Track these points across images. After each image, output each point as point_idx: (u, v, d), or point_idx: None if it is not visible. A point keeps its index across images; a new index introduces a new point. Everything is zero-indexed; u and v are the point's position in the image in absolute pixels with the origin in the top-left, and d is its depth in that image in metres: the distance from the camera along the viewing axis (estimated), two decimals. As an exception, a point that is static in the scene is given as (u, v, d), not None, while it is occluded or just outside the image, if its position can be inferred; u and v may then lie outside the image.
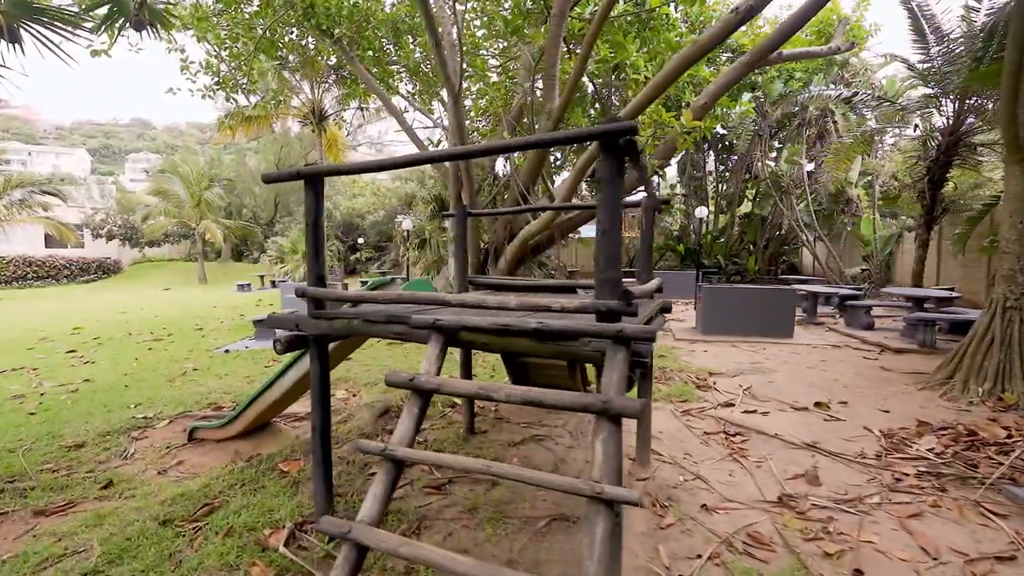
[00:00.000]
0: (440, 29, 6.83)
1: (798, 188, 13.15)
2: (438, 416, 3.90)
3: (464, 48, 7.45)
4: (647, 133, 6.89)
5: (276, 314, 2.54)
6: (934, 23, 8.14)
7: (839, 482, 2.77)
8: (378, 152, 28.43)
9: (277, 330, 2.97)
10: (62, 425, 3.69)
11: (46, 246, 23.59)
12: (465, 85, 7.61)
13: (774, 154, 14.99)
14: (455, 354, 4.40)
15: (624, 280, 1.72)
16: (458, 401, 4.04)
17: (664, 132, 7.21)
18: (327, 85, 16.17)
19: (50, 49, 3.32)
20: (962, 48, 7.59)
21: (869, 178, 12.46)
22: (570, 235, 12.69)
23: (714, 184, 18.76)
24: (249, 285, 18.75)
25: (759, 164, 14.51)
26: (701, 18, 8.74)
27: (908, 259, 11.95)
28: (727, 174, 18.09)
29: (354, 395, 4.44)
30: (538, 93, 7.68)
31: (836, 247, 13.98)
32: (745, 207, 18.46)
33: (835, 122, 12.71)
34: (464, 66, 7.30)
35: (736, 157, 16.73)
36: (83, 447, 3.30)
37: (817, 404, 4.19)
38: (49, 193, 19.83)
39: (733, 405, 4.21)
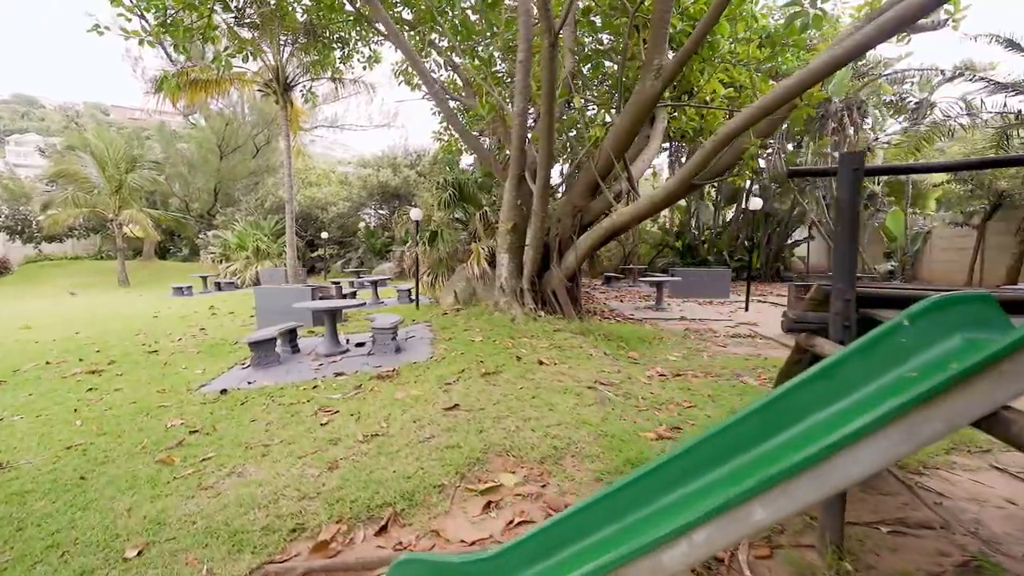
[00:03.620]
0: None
1: (821, 182, 12.61)
2: None
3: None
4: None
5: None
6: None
7: None
8: (335, 136, 25.37)
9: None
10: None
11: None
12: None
13: (791, 146, 14.49)
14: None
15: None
16: None
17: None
18: (292, 49, 13.51)
19: None
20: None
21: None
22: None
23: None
24: (189, 288, 15.49)
25: (775, 157, 13.92)
26: None
27: (938, 256, 11.76)
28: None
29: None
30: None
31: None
32: (754, 203, 18.07)
33: (861, 116, 12.27)
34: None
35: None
36: None
37: None
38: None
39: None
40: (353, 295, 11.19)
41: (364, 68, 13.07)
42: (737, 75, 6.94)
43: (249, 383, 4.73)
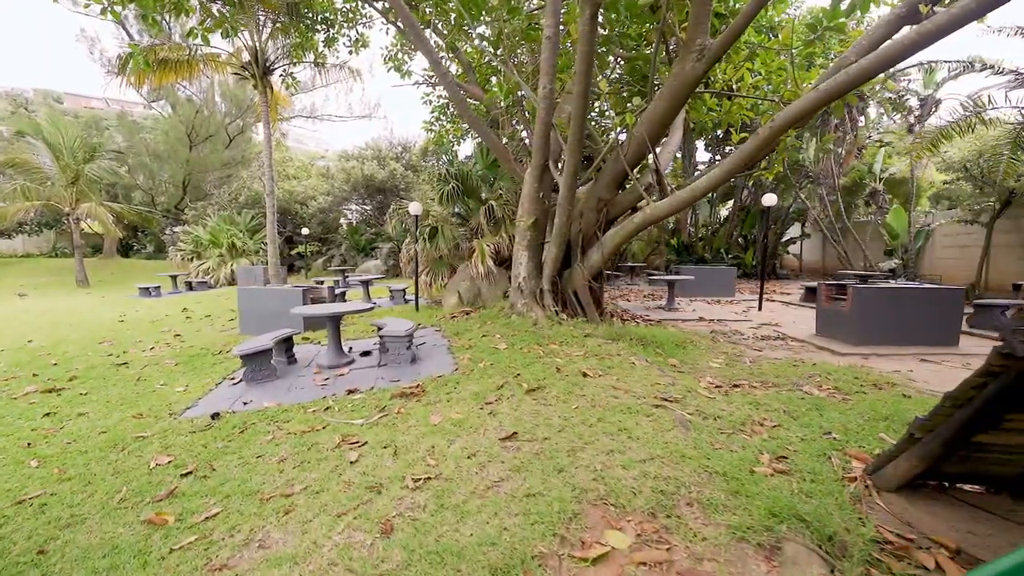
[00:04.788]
0: None
1: (827, 179, 12.47)
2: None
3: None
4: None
5: None
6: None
7: None
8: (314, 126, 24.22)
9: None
10: None
11: None
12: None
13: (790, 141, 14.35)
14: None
15: None
16: None
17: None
18: (272, 29, 12.52)
19: None
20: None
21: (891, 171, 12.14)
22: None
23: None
24: (157, 288, 14.28)
25: (774, 153, 13.73)
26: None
27: (941, 253, 11.77)
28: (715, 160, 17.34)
29: None
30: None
31: (847, 242, 13.68)
32: (767, 199, 18.11)
33: (859, 112, 12.17)
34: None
35: (733, 148, 16.04)
36: None
37: None
38: None
39: None
40: (342, 296, 10.39)
41: (350, 53, 12.21)
42: (768, 62, 6.53)
43: (245, 404, 4.01)
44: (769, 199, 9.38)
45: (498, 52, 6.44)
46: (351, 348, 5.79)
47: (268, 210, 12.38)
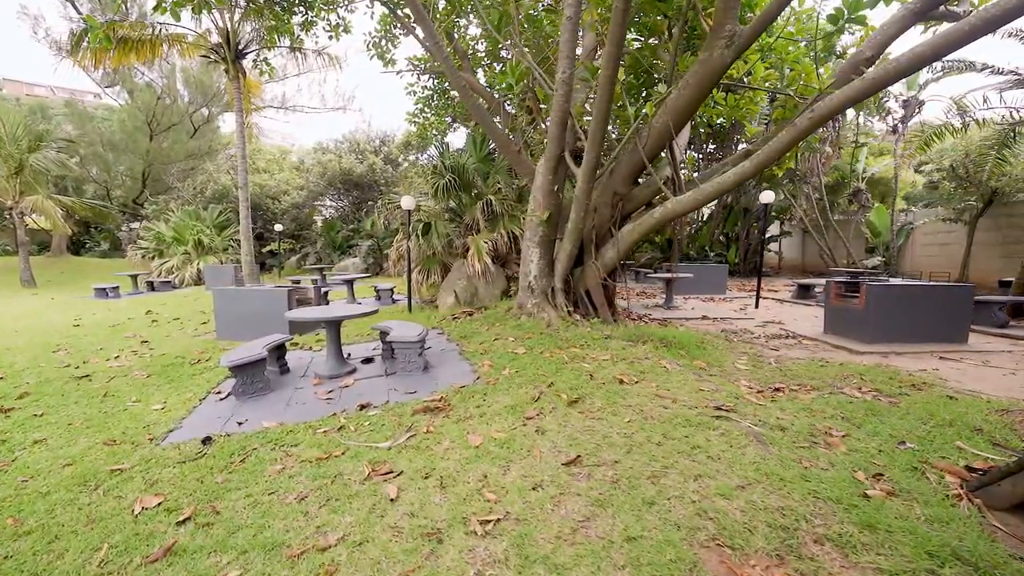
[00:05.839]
0: None
1: (813, 177, 12.61)
2: None
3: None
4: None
5: None
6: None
7: None
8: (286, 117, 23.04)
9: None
10: None
11: None
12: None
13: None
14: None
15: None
16: None
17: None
18: (246, 8, 11.62)
19: None
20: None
21: (872, 170, 12.37)
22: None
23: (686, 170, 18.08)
24: (116, 288, 13.13)
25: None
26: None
27: (921, 251, 12.07)
28: (700, 160, 17.40)
29: None
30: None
31: (830, 239, 13.92)
32: (765, 196, 18.32)
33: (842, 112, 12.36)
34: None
35: (714, 145, 16.14)
36: None
37: None
38: None
39: None
40: (324, 296, 9.73)
41: (330, 38, 11.48)
42: (784, 54, 6.36)
43: (239, 424, 3.46)
44: (767, 196, 9.32)
45: (503, 34, 5.98)
46: (349, 354, 5.26)
47: (241, 204, 11.50)
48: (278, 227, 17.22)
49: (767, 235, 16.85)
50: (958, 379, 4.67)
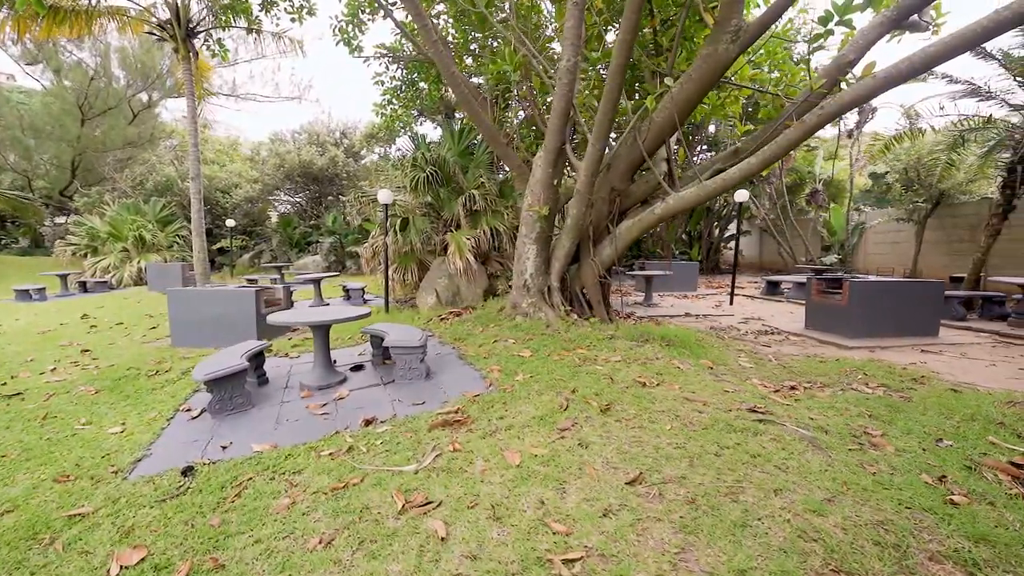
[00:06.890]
0: None
1: (775, 178, 13.11)
2: None
3: None
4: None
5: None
6: None
7: None
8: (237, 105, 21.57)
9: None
10: None
11: None
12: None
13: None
14: None
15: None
16: None
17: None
18: (194, -16, 10.58)
19: None
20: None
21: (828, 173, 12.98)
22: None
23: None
24: (41, 290, 11.67)
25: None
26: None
27: (873, 249, 12.81)
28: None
29: None
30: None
31: (789, 238, 14.56)
32: (739, 195, 18.82)
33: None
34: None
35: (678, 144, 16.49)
36: None
37: None
38: None
39: None
40: (289, 296, 9.01)
41: (292, 21, 10.67)
42: (773, 54, 6.43)
43: (223, 448, 2.96)
44: (741, 195, 9.52)
45: (488, 26, 5.66)
46: (335, 361, 4.78)
47: (193, 196, 10.46)
48: (230, 222, 15.96)
49: (726, 234, 17.43)
50: (949, 372, 4.84)
